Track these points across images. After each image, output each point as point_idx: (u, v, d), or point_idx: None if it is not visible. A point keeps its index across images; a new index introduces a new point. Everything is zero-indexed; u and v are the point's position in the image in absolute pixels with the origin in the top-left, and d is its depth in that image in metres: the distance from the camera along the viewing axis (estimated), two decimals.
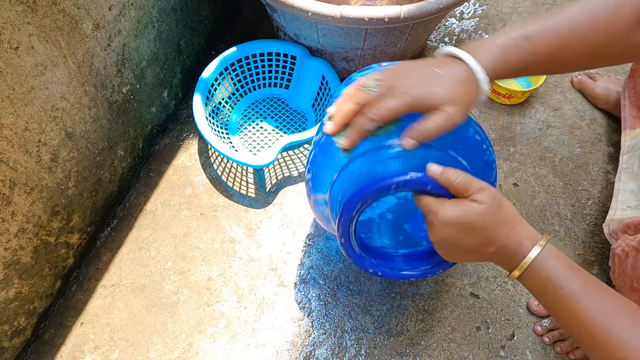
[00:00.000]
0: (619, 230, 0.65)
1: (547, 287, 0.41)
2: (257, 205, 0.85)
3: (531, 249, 0.41)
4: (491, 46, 0.44)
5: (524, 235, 0.42)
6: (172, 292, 0.76)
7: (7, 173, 0.57)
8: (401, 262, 0.55)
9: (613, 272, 0.61)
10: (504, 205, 0.43)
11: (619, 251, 0.59)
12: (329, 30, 0.79)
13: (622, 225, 0.65)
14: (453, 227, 0.42)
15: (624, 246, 0.58)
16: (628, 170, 0.73)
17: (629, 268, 0.57)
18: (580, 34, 0.45)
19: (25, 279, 0.67)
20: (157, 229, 0.82)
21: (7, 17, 0.50)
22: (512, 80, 0.98)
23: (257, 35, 1.06)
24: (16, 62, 0.53)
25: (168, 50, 0.85)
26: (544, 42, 0.44)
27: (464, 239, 0.42)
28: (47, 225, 0.67)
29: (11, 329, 0.67)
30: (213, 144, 0.78)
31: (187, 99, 0.97)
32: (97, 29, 0.65)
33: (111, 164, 0.79)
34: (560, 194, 0.85)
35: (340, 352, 0.71)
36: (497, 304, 0.75)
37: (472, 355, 0.71)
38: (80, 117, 0.67)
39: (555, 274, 0.41)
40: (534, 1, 1.10)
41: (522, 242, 0.42)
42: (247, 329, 0.73)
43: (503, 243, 0.42)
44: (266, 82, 0.96)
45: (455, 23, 1.08)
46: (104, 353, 0.72)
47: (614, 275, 0.61)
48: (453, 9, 0.80)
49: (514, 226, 0.42)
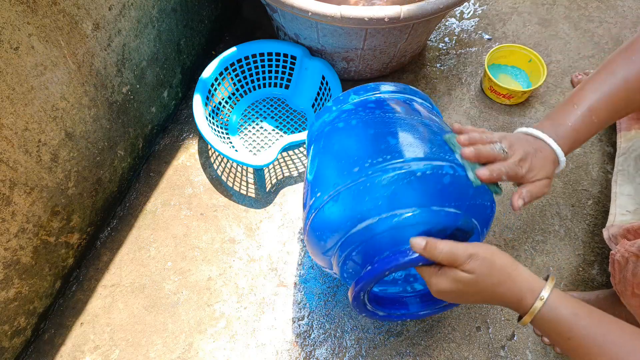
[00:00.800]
0: (618, 234, 0.65)
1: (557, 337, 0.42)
2: (257, 205, 0.85)
3: (532, 305, 0.42)
4: (565, 129, 0.52)
5: (525, 289, 0.43)
6: (172, 292, 0.76)
7: (7, 173, 0.57)
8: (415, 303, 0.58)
9: (613, 277, 0.61)
10: (495, 266, 0.44)
11: (618, 257, 0.59)
12: (329, 30, 0.79)
13: (621, 229, 0.64)
14: (448, 294, 0.46)
15: (623, 252, 0.58)
16: (624, 172, 0.73)
17: (629, 274, 0.56)
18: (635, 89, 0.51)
19: (25, 279, 0.67)
20: (157, 229, 0.82)
21: (7, 17, 0.50)
22: (512, 80, 0.98)
23: (257, 35, 1.06)
24: (16, 62, 0.53)
25: (168, 50, 0.85)
26: (606, 112, 0.52)
27: (464, 299, 0.46)
28: (47, 225, 0.67)
29: (11, 329, 0.67)
30: (213, 144, 0.78)
31: (187, 99, 0.97)
32: (97, 29, 0.65)
33: (111, 164, 0.79)
34: (560, 194, 0.85)
35: (340, 352, 0.71)
36: None
37: (472, 355, 0.71)
38: (80, 117, 0.67)
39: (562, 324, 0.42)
40: (534, 1, 1.10)
41: (524, 298, 0.43)
42: (247, 329, 0.73)
43: (502, 301, 0.44)
44: (266, 82, 0.96)
45: (455, 23, 1.08)
46: (104, 353, 0.72)
47: (615, 280, 0.60)
48: (453, 9, 0.80)
49: (512, 283, 0.43)
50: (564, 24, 1.06)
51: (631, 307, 0.56)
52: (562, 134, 0.52)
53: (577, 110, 0.52)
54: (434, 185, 0.47)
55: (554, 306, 0.42)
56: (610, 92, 0.52)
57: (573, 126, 0.52)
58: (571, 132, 0.52)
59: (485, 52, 1.02)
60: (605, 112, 0.52)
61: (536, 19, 1.07)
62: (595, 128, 0.53)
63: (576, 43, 1.03)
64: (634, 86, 0.51)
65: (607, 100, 0.52)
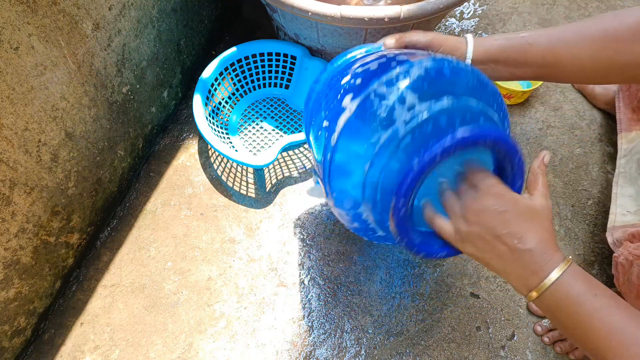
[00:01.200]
0: (623, 239, 0.65)
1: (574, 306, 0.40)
2: (257, 205, 0.85)
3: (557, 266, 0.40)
4: (490, 37, 0.53)
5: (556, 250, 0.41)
6: (172, 292, 0.76)
7: (7, 173, 0.57)
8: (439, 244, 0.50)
9: (617, 279, 0.61)
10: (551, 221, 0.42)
11: (621, 260, 0.59)
12: (329, 30, 0.79)
13: (627, 234, 0.64)
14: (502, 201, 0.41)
15: (626, 254, 0.58)
16: (625, 174, 0.73)
17: (634, 277, 0.56)
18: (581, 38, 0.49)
19: (25, 279, 0.67)
20: (157, 229, 0.82)
21: (7, 17, 0.50)
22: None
23: (257, 35, 1.06)
24: (16, 62, 0.53)
25: (168, 50, 0.85)
26: (540, 41, 0.50)
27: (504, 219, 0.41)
28: (47, 225, 0.67)
29: (11, 329, 0.67)
30: (213, 144, 0.78)
31: (187, 99, 0.97)
32: (97, 29, 0.65)
33: (111, 164, 0.79)
34: (560, 194, 0.85)
35: (340, 352, 0.71)
36: (497, 304, 0.75)
37: (472, 355, 0.71)
38: (80, 117, 0.67)
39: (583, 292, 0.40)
40: (534, 1, 1.10)
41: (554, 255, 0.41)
42: (247, 329, 0.73)
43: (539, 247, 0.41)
44: (266, 82, 0.96)
45: (455, 23, 1.08)
46: (104, 353, 0.72)
47: (618, 282, 0.60)
48: (453, 9, 0.80)
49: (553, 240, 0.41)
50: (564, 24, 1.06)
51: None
52: (484, 39, 0.53)
53: (511, 33, 0.53)
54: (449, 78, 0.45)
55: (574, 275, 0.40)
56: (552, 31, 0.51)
57: (498, 37, 0.53)
58: (492, 38, 0.53)
59: None
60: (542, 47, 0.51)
61: (536, 19, 1.07)
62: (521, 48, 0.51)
63: None
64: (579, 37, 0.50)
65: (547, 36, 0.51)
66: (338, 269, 0.78)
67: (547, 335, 0.72)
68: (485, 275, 0.77)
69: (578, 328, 0.40)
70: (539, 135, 0.91)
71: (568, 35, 0.50)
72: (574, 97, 0.96)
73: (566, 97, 0.96)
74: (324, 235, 0.81)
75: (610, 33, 0.49)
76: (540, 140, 0.91)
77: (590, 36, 0.49)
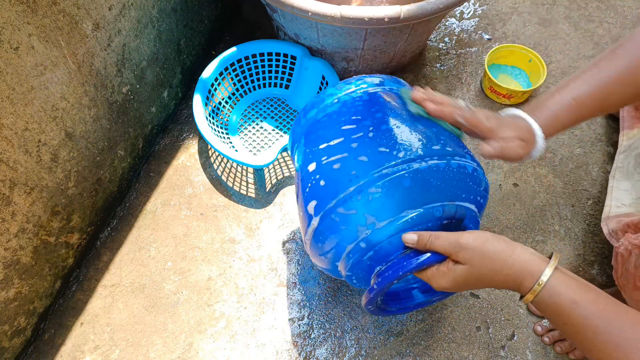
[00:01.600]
0: (618, 229, 0.65)
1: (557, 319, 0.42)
2: (257, 205, 0.85)
3: (531, 289, 0.42)
4: (546, 110, 0.53)
5: (525, 272, 0.43)
6: (172, 292, 0.76)
7: (7, 173, 0.57)
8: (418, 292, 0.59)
9: (616, 271, 0.61)
10: (488, 254, 0.44)
11: (622, 250, 0.59)
12: (329, 30, 0.79)
13: (621, 224, 0.65)
14: (450, 289, 0.46)
15: (627, 245, 0.58)
16: (623, 169, 0.73)
17: (631, 267, 0.56)
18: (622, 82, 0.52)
19: (25, 279, 0.67)
20: (157, 229, 0.82)
21: (7, 17, 0.50)
22: (512, 80, 0.98)
23: (257, 35, 1.06)
24: (16, 62, 0.53)
25: (168, 50, 0.85)
26: (589, 100, 0.53)
27: (465, 288, 0.46)
28: (47, 225, 0.67)
29: (11, 329, 0.67)
30: (213, 144, 0.78)
31: (187, 99, 0.97)
32: (97, 29, 0.65)
33: (111, 164, 0.79)
34: (560, 194, 0.85)
35: (340, 352, 0.71)
36: (497, 304, 0.75)
37: (472, 355, 0.71)
38: (80, 117, 0.67)
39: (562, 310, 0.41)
40: (534, 1, 1.10)
41: (523, 281, 0.43)
42: (247, 329, 0.73)
43: (503, 286, 0.44)
44: (266, 82, 0.96)
45: (455, 23, 1.08)
46: (104, 353, 0.72)
47: (617, 274, 0.61)
48: (453, 9, 0.80)
49: (508, 270, 0.43)
50: (564, 24, 1.06)
51: (632, 301, 0.56)
52: (541, 115, 0.53)
53: (559, 97, 0.53)
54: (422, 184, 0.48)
55: (554, 292, 0.41)
56: (595, 84, 0.53)
57: (554, 110, 0.53)
58: (551, 114, 0.53)
59: (485, 52, 1.02)
60: (590, 101, 0.53)
61: (536, 19, 1.07)
62: (577, 113, 0.53)
63: (576, 43, 1.03)
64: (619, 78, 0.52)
65: (590, 90, 0.52)
66: None
67: (547, 335, 0.72)
68: None
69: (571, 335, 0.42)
70: None
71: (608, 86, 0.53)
72: None
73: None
74: None
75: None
76: None
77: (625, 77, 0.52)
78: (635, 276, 0.56)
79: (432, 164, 0.48)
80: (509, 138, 0.52)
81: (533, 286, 0.42)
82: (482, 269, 0.44)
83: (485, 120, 0.53)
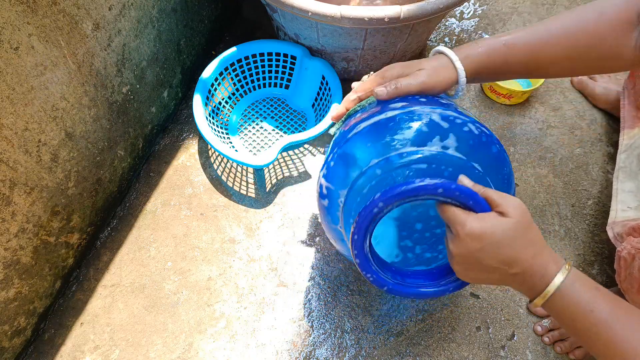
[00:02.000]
0: (623, 233, 0.65)
1: (576, 313, 0.40)
2: (257, 205, 0.85)
3: (557, 274, 0.40)
4: (472, 48, 0.53)
5: (550, 259, 0.41)
6: (172, 292, 0.76)
7: (7, 173, 0.57)
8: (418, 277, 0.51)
9: (619, 275, 0.60)
10: (533, 227, 0.42)
11: (624, 254, 0.59)
12: (329, 30, 0.79)
13: (626, 228, 0.64)
14: (479, 240, 0.41)
15: (629, 249, 0.58)
16: (625, 169, 0.73)
17: (635, 270, 0.56)
18: (557, 39, 0.51)
19: (25, 279, 0.67)
20: (157, 229, 0.82)
21: (7, 17, 0.50)
22: (512, 81, 0.98)
23: (257, 35, 1.06)
24: (16, 62, 0.53)
25: (168, 50, 0.85)
26: (520, 47, 0.52)
27: (488, 254, 0.41)
28: (47, 225, 0.67)
29: (11, 329, 0.67)
30: (213, 144, 0.78)
31: (187, 99, 0.97)
32: (97, 29, 0.65)
33: (111, 164, 0.79)
34: (560, 194, 0.85)
35: (340, 352, 0.71)
36: (497, 304, 0.75)
37: (472, 355, 0.71)
38: (80, 117, 0.67)
39: (584, 299, 0.40)
40: (534, 1, 1.10)
41: (548, 266, 0.41)
42: (247, 329, 0.73)
43: (529, 264, 0.41)
44: (266, 82, 0.96)
45: (455, 23, 1.08)
46: (104, 353, 0.72)
47: (620, 278, 0.60)
48: (453, 9, 0.80)
49: (541, 249, 0.41)
50: None
51: (636, 304, 0.56)
52: (465, 50, 0.53)
53: (491, 40, 0.53)
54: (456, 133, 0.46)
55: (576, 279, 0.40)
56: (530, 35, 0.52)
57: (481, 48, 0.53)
58: (476, 49, 0.53)
59: None
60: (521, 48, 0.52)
61: (536, 19, 1.07)
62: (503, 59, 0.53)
63: None
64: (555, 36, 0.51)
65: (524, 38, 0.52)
66: (338, 269, 0.78)
67: (547, 335, 0.72)
68: None
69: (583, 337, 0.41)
70: (539, 135, 0.91)
71: (546, 37, 0.51)
72: (574, 97, 0.96)
73: (566, 97, 0.96)
74: (323, 235, 0.81)
75: (590, 30, 0.50)
76: (540, 140, 0.91)
77: (570, 36, 0.51)
78: (639, 280, 0.55)
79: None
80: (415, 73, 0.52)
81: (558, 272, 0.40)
82: (521, 231, 0.40)
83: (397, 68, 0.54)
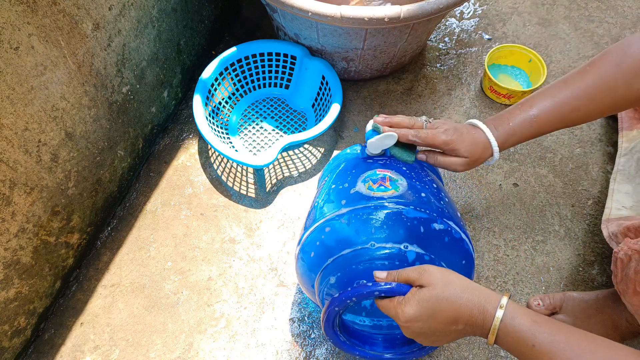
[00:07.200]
0: (619, 233, 0.65)
1: (521, 347, 0.42)
2: (257, 205, 0.85)
3: (495, 313, 0.42)
4: (505, 125, 0.58)
5: (485, 301, 0.43)
6: (172, 292, 0.76)
7: (7, 173, 0.57)
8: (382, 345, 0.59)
9: (615, 276, 0.60)
10: (453, 279, 0.44)
11: (621, 255, 0.59)
12: (329, 30, 0.79)
13: (622, 228, 0.64)
14: (416, 320, 0.44)
15: (626, 250, 0.58)
16: (624, 172, 0.73)
17: (631, 272, 0.56)
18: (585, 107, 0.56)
19: (25, 279, 0.67)
20: (157, 229, 0.82)
21: (7, 17, 0.50)
22: (512, 80, 0.98)
23: (257, 35, 1.06)
24: (16, 62, 0.53)
25: (168, 50, 0.85)
26: (550, 116, 0.57)
27: (431, 325, 0.44)
28: (47, 225, 0.67)
29: (11, 329, 0.67)
30: (213, 144, 0.78)
31: (187, 99, 0.97)
32: (97, 29, 0.65)
33: (111, 164, 0.79)
34: (560, 194, 0.85)
35: (340, 352, 0.71)
36: None
37: (472, 355, 0.71)
38: (80, 117, 0.67)
39: (525, 335, 0.41)
40: (534, 1, 1.11)
41: (485, 308, 0.43)
42: (247, 329, 0.73)
43: (468, 314, 0.43)
44: (266, 82, 0.96)
45: (455, 23, 1.08)
46: (104, 353, 0.72)
47: (616, 279, 0.60)
48: (453, 8, 0.80)
49: (471, 294, 0.44)
50: (564, 24, 1.06)
51: (632, 306, 0.56)
52: (500, 128, 0.58)
53: (522, 115, 0.58)
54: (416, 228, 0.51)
55: (514, 314, 0.42)
56: (559, 101, 0.56)
57: (513, 126, 0.58)
58: (509, 130, 0.58)
59: (485, 52, 1.02)
60: (547, 123, 0.57)
61: (536, 19, 1.07)
62: (535, 131, 0.58)
63: (576, 43, 1.03)
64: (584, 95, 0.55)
65: (553, 108, 0.56)
66: None
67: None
68: (484, 275, 0.77)
69: None
70: None
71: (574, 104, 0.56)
72: None
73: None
74: None
75: (610, 83, 0.54)
76: (540, 140, 0.91)
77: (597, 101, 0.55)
78: (635, 281, 0.55)
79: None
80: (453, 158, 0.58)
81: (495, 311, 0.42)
82: (444, 292, 0.43)
83: (442, 134, 0.57)
